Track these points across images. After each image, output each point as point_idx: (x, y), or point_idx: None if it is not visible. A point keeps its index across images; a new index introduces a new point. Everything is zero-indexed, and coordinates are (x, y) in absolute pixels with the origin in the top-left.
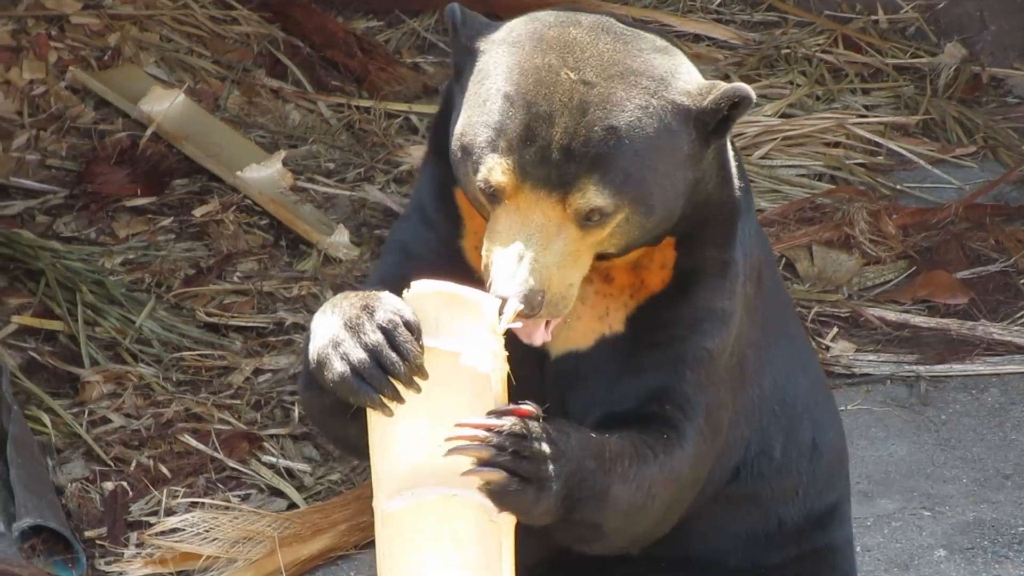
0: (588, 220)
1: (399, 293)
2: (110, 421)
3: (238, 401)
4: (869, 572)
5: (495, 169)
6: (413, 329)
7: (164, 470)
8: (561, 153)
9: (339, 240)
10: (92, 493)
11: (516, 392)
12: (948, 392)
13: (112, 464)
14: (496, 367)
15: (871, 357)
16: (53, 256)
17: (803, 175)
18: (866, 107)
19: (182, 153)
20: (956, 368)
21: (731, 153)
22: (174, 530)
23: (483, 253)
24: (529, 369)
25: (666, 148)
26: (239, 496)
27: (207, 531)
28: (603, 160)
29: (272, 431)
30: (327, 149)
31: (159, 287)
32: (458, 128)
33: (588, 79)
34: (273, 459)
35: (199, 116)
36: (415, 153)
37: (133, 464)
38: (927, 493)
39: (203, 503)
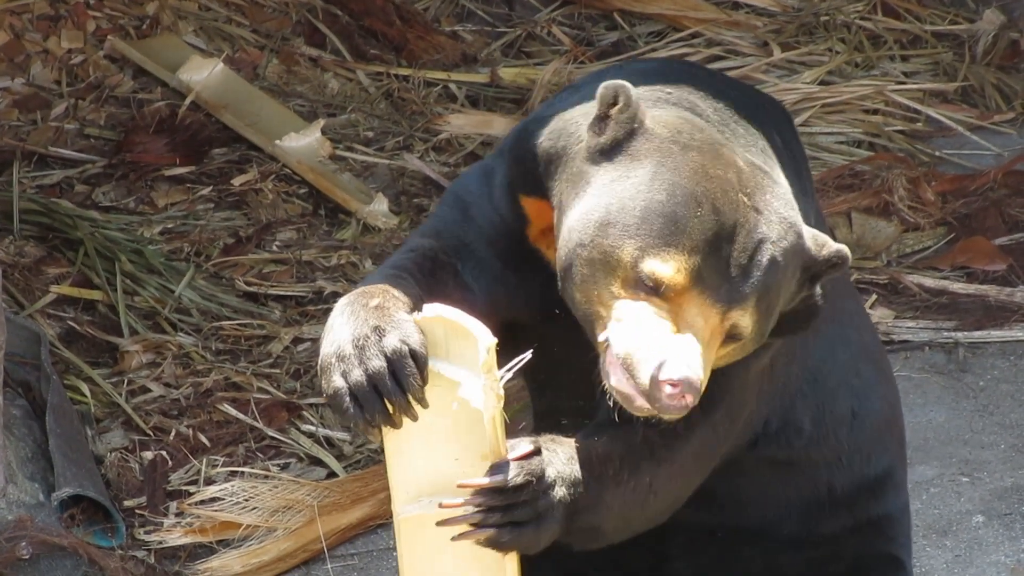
0: (733, 337)
1: (453, 250)
2: (149, 390)
3: (277, 370)
4: None
5: (671, 264)
6: (419, 360)
7: (203, 439)
8: (739, 271)
9: (378, 209)
10: (131, 462)
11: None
12: (986, 358)
13: (151, 433)
14: (488, 405)
15: (910, 324)
16: (92, 226)
17: (842, 142)
18: (905, 74)
19: (221, 122)
20: (994, 334)
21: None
22: (213, 499)
23: (612, 335)
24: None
25: (789, 286)
26: (278, 465)
27: (246, 500)
28: (766, 289)
29: (311, 400)
30: (366, 118)
31: (198, 256)
32: (611, 200)
33: (757, 206)
34: (312, 428)
35: (238, 85)
36: (454, 121)
37: (172, 433)
38: (965, 459)
39: (242, 472)
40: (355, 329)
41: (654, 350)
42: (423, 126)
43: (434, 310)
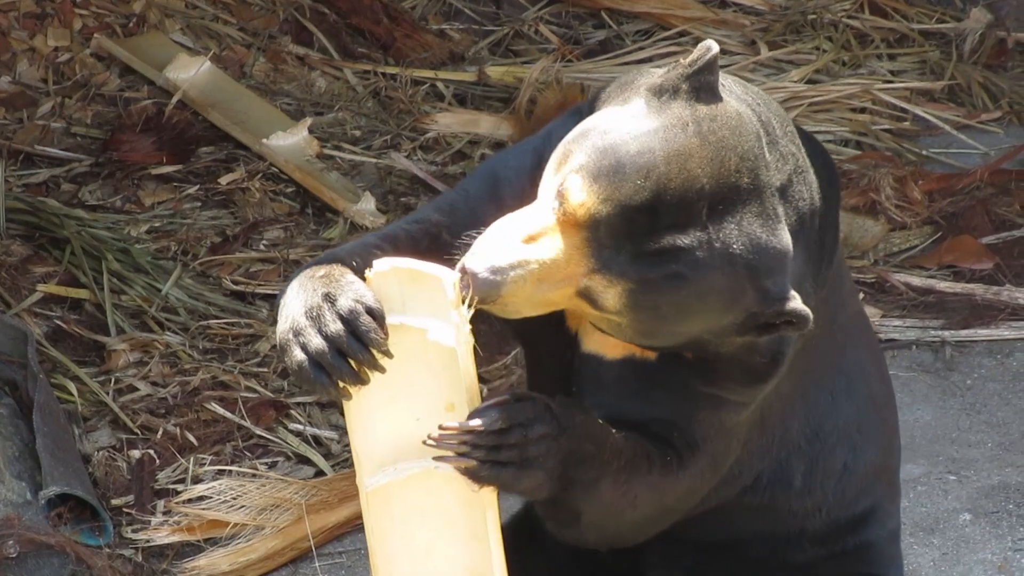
0: (589, 299)
1: (462, 229)
2: (136, 389)
3: (264, 369)
4: None
5: (583, 195)
6: (376, 315)
7: (191, 438)
8: (634, 254)
9: (365, 207)
10: (119, 461)
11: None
12: (973, 357)
13: (139, 432)
14: (461, 341)
15: (897, 322)
16: (79, 224)
17: (829, 141)
18: (892, 72)
19: (208, 121)
20: (981, 333)
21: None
22: (201, 498)
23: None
24: (559, 349)
25: (714, 317)
26: (266, 464)
27: (234, 499)
28: (654, 291)
29: (299, 399)
30: (353, 116)
31: (185, 255)
32: (605, 118)
33: (710, 224)
34: (300, 426)
35: (225, 83)
36: (441, 120)
37: (160, 432)
38: (952, 457)
39: (230, 471)
40: (306, 300)
41: (484, 240)
42: (410, 125)
43: (386, 263)
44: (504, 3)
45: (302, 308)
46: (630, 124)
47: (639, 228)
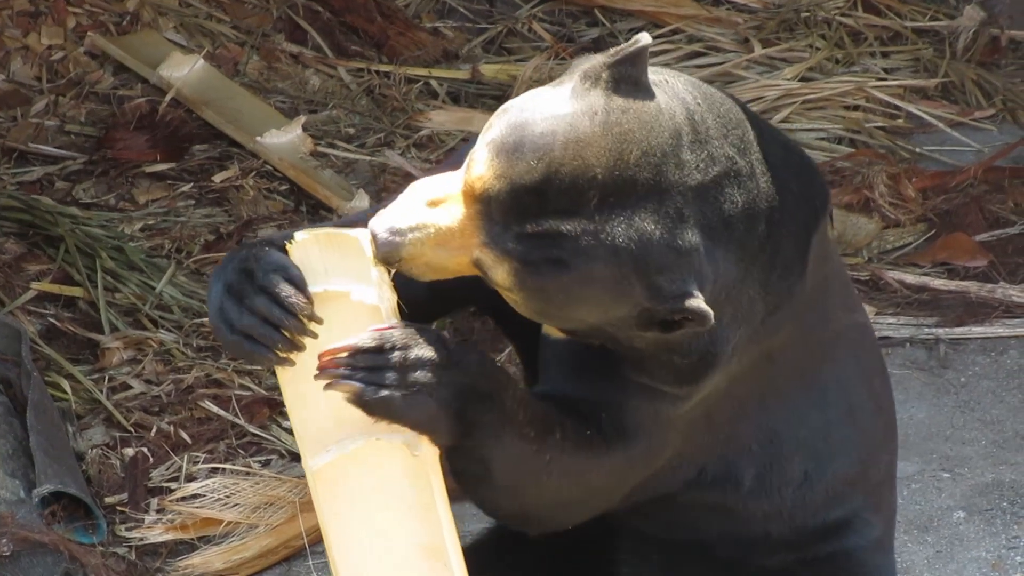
0: (481, 269)
1: None
2: (130, 387)
3: (258, 367)
4: None
5: (483, 167)
6: (296, 282)
7: (184, 436)
8: (518, 234)
9: (359, 205)
10: (112, 459)
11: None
12: (967, 355)
13: (132, 430)
14: (384, 297)
15: (891, 320)
16: (72, 222)
17: (823, 139)
18: (885, 70)
19: (201, 119)
20: (975, 331)
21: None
22: (195, 496)
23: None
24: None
25: (606, 308)
26: (260, 462)
27: (228, 497)
28: (537, 274)
29: None
30: (347, 114)
31: (179, 253)
32: (532, 96)
33: (600, 214)
34: None
35: (218, 81)
36: (435, 118)
37: (153, 430)
38: (946, 455)
39: (224, 469)
40: (226, 280)
41: (394, 203)
42: (404, 122)
43: (305, 232)
44: (498, 1)
45: (223, 288)
46: (544, 105)
47: (527, 209)
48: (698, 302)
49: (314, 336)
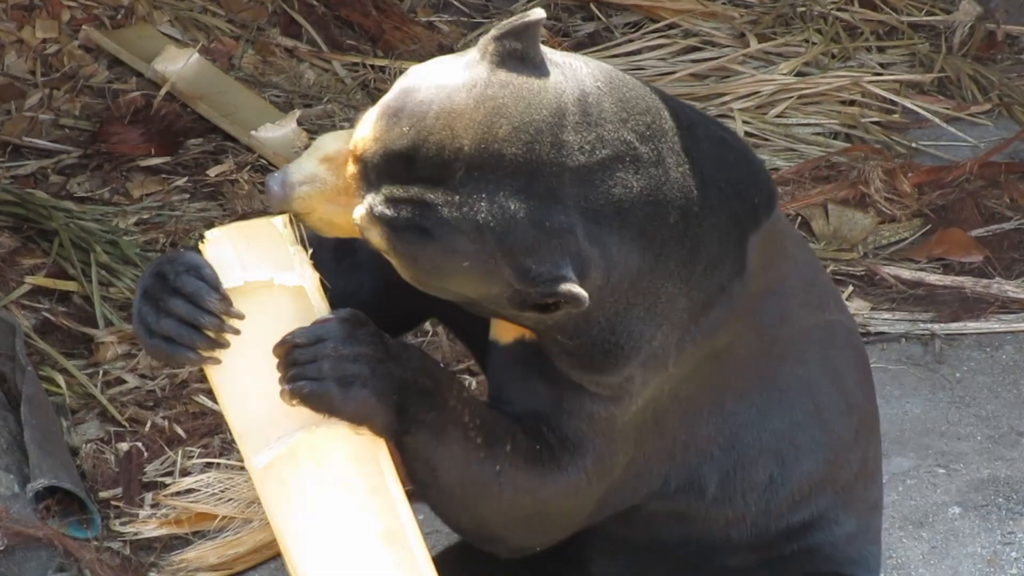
0: (362, 232)
1: None
2: (125, 382)
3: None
4: (884, 530)
5: (366, 129)
6: (209, 280)
7: (179, 431)
8: (388, 197)
9: None
10: (107, 454)
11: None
12: (963, 350)
13: (127, 425)
14: (306, 277)
15: (886, 315)
16: (67, 216)
17: (818, 133)
18: (881, 65)
19: (196, 112)
20: (971, 326)
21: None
22: (189, 491)
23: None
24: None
25: (475, 281)
26: None
27: (222, 491)
28: (403, 241)
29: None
30: (342, 108)
31: (173, 247)
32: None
33: (461, 187)
34: None
35: (213, 75)
36: None
37: (148, 425)
38: (942, 451)
39: (218, 464)
40: (144, 285)
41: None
42: None
43: (217, 231)
44: None
45: (141, 293)
46: (433, 74)
47: (397, 174)
48: (570, 286)
49: (235, 332)
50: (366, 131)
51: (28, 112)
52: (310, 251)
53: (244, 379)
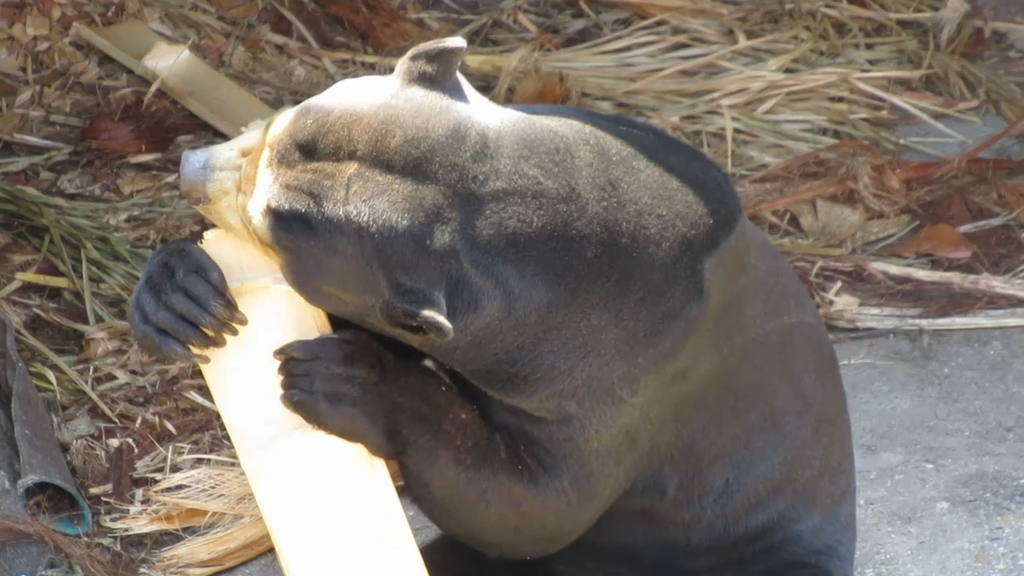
0: (248, 226)
1: None
2: (115, 378)
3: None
4: (872, 525)
5: (284, 118)
6: (213, 279)
7: (169, 427)
8: (285, 176)
9: None
10: (97, 450)
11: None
12: (951, 345)
13: (117, 421)
14: None
15: (874, 311)
16: (57, 213)
17: (807, 130)
18: (869, 62)
19: (186, 109)
20: (959, 321)
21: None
22: (180, 487)
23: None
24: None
25: (347, 290)
26: None
27: (213, 487)
28: (289, 238)
29: None
30: None
31: (164, 243)
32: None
33: (350, 188)
34: None
35: (204, 72)
36: None
37: (138, 421)
38: (930, 446)
39: (209, 459)
40: (147, 274)
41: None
42: None
43: (216, 232)
44: None
45: (143, 281)
46: (352, 85)
47: (293, 162)
48: (433, 313)
49: (233, 333)
50: (278, 124)
51: (19, 109)
52: None
53: (241, 379)
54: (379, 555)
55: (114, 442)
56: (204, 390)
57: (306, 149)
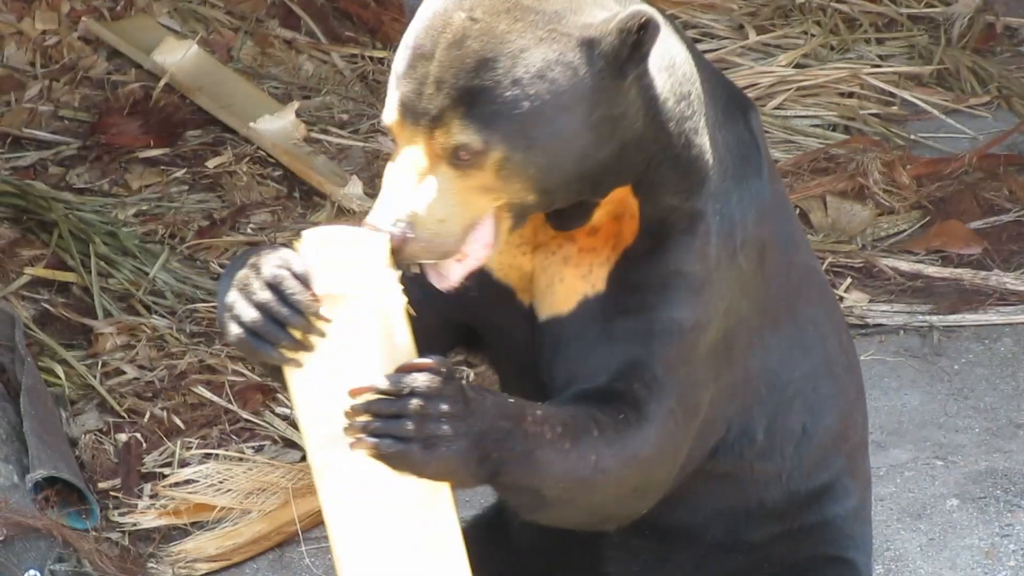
0: (458, 159)
1: None
2: (124, 373)
3: (262, 365)
4: (882, 521)
5: (387, 108)
6: (301, 279)
7: (178, 421)
8: (434, 87)
9: (352, 191)
10: (106, 444)
11: (508, 360)
12: (961, 342)
13: (126, 416)
14: (394, 304)
15: (884, 307)
16: (66, 207)
17: (817, 125)
18: (880, 57)
19: (195, 104)
20: (969, 318)
21: (694, 102)
22: (188, 481)
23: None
24: (520, 333)
25: (559, 82)
26: (253, 447)
27: (221, 482)
28: (470, 93)
29: None
30: (340, 100)
31: (172, 239)
32: None
33: (476, 16)
34: (287, 410)
35: (212, 67)
36: None
37: (147, 416)
38: (940, 443)
39: (217, 454)
40: (234, 275)
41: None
42: None
43: (314, 233)
44: None
45: (231, 283)
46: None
47: (421, 68)
48: (632, 8)
49: (321, 335)
50: (392, 97)
51: (28, 103)
52: (399, 273)
53: (319, 379)
54: (430, 562)
55: (122, 437)
56: (212, 385)
57: (413, 64)
